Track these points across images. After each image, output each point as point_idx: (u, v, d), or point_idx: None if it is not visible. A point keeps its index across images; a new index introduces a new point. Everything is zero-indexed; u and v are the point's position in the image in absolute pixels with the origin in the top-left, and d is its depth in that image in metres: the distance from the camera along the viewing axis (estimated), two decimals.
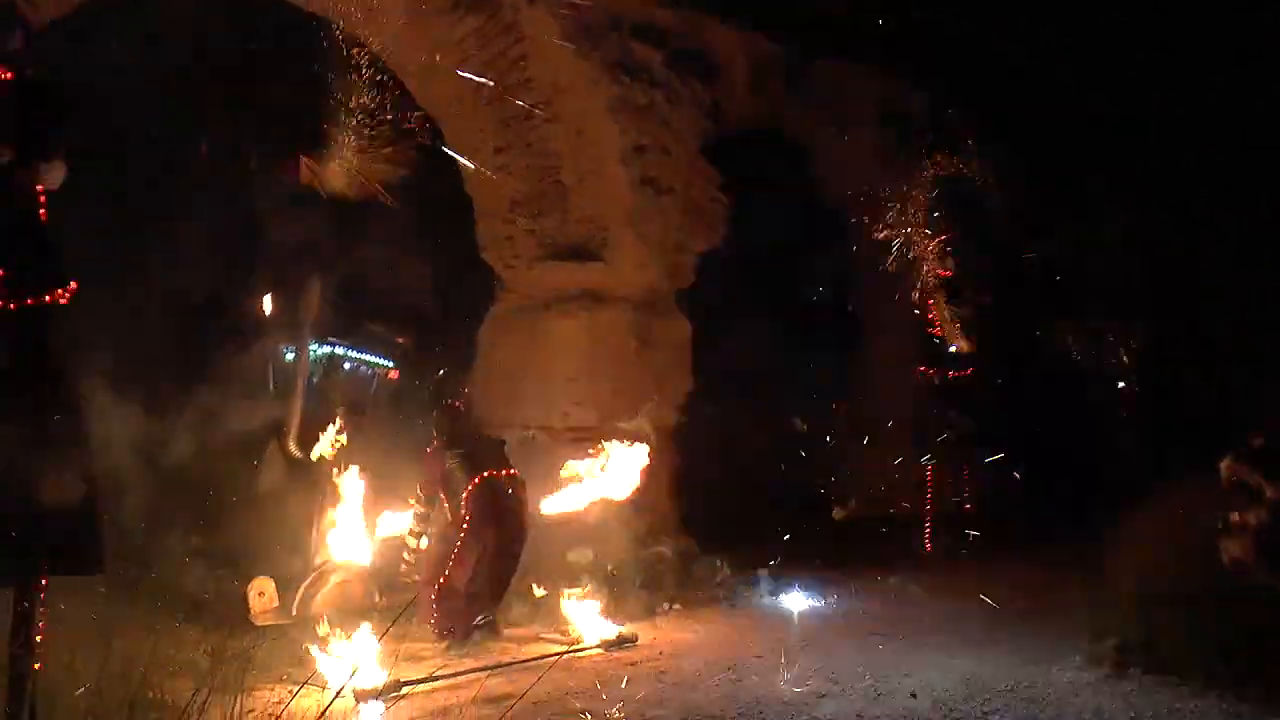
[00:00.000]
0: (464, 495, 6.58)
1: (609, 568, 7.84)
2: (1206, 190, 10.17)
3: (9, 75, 4.26)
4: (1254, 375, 9.11)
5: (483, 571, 6.57)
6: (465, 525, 6.53)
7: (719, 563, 8.68)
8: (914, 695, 5.40)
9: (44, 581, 4.22)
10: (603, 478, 7.14)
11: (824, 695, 5.41)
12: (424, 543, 6.98)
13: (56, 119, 4.35)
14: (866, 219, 10.80)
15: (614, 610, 7.21)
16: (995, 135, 10.71)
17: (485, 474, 6.67)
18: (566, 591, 7.10)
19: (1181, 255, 10.25)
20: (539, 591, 7.36)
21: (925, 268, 9.45)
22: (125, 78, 8.19)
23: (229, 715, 4.48)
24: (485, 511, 6.56)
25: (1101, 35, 10.44)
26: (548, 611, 7.16)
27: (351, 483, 7.23)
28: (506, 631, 6.85)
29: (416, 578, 6.93)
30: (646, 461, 7.19)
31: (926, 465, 9.25)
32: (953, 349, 9.40)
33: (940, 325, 9.33)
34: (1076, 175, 10.56)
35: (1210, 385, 9.87)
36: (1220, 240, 10.09)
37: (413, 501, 7.03)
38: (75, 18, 6.81)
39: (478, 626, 6.54)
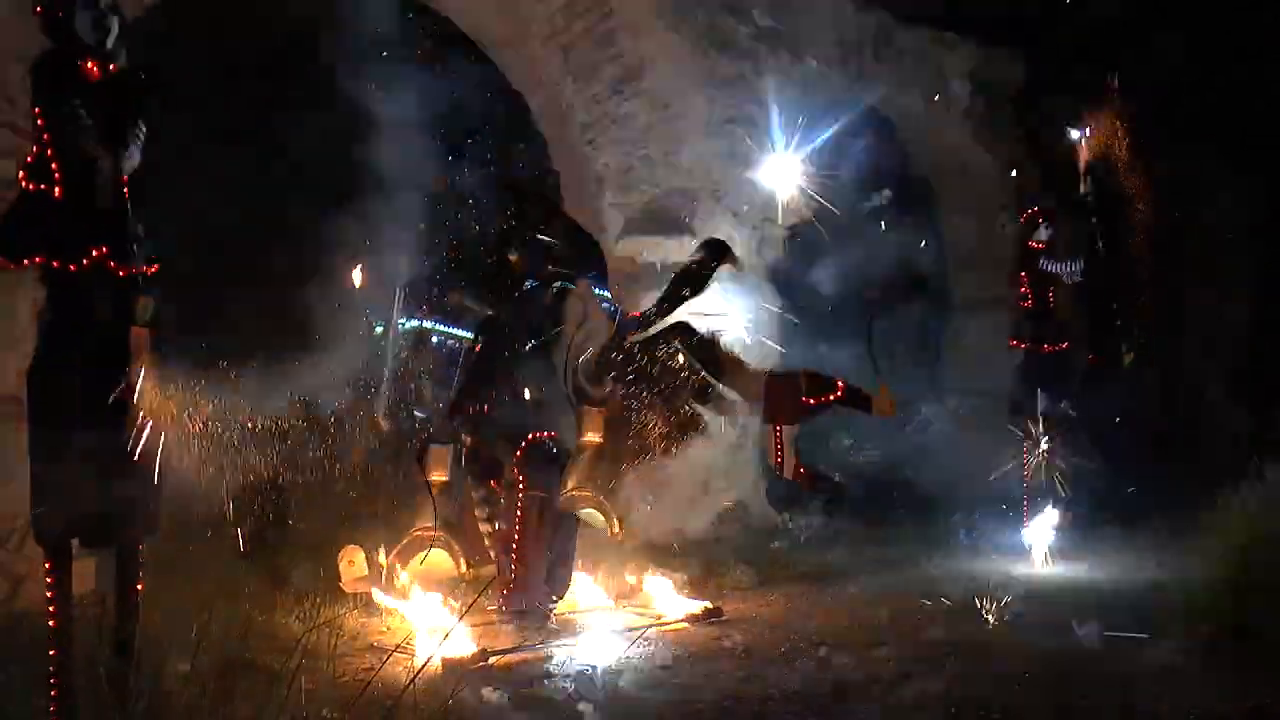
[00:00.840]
0: (512, 462, 6.40)
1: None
2: None
3: (103, 70, 4.29)
4: None
5: (549, 535, 6.36)
6: (522, 486, 6.32)
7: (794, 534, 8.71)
8: (1002, 676, 5.31)
9: (140, 546, 4.34)
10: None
11: (909, 674, 5.34)
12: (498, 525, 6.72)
13: (139, 109, 4.36)
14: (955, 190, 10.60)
15: (691, 583, 7.23)
16: (1091, 103, 10.45)
17: (531, 437, 6.46)
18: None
19: None
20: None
21: (1019, 239, 9.19)
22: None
23: (320, 681, 4.58)
24: (539, 468, 6.36)
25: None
26: (634, 585, 7.17)
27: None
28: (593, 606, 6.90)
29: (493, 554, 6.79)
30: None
31: (1022, 443, 9.02)
32: (1047, 320, 9.12)
33: (1032, 299, 9.07)
34: (1177, 143, 10.25)
35: None
36: None
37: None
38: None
39: (542, 607, 6.32)
